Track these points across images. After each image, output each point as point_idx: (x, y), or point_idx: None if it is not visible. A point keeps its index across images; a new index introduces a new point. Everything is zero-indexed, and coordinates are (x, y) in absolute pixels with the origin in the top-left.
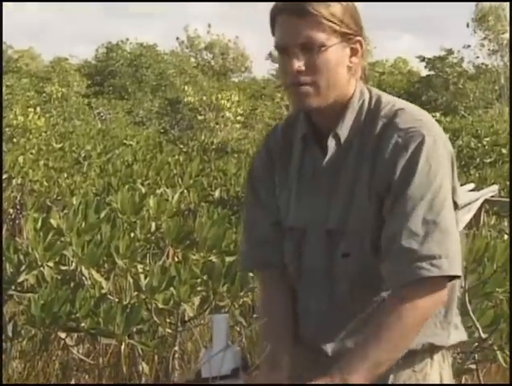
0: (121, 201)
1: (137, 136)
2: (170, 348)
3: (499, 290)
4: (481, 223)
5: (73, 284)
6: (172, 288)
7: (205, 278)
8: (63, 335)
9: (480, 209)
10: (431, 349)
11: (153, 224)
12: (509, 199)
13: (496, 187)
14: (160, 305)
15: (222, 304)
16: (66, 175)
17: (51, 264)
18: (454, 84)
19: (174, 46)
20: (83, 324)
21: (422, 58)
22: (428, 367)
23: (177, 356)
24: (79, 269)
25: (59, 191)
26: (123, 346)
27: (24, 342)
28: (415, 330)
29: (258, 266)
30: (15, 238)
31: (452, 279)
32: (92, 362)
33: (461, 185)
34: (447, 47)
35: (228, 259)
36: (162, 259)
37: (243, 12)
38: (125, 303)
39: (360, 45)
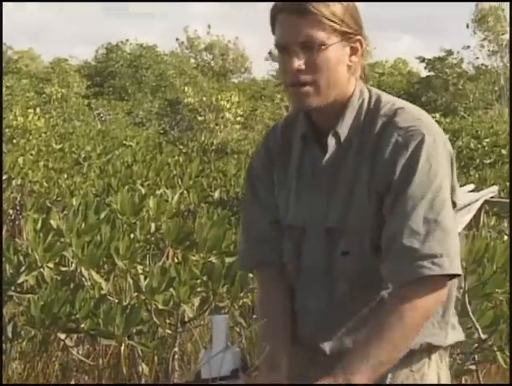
0: (120, 202)
1: (137, 137)
2: (170, 349)
3: (499, 291)
4: (481, 223)
5: (73, 285)
6: (172, 289)
7: (205, 279)
8: (62, 336)
9: (480, 210)
10: (429, 349)
11: (153, 225)
12: (509, 200)
13: (496, 188)
14: (160, 306)
15: (222, 305)
16: (66, 176)
17: (50, 265)
18: (454, 85)
19: (174, 47)
20: (83, 325)
21: (421, 59)
22: (426, 366)
23: (177, 357)
24: (79, 270)
25: (59, 192)
26: (123, 347)
27: (24, 343)
28: (417, 329)
29: (257, 265)
30: (15, 239)
31: (452, 278)
32: (91, 363)
33: (461, 186)
34: (446, 48)
35: (228, 260)
36: (162, 260)
37: (243, 12)
38: (124, 304)
39: (360, 44)
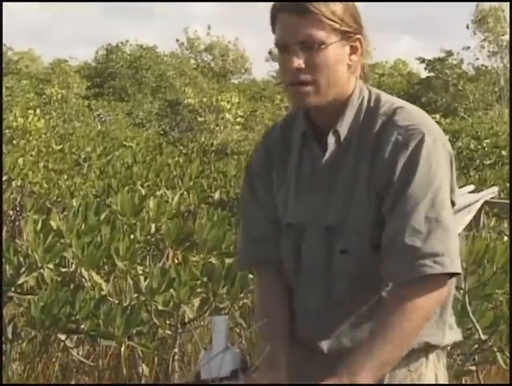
0: (121, 203)
1: (137, 137)
2: (170, 350)
3: (499, 292)
4: (481, 224)
5: (73, 286)
6: (172, 290)
7: (205, 280)
8: (63, 337)
9: (480, 211)
10: (426, 348)
11: (153, 226)
12: (509, 201)
13: (496, 189)
14: (160, 306)
15: (222, 306)
16: (66, 177)
17: (51, 266)
18: (454, 86)
19: (174, 47)
20: (83, 326)
21: (421, 59)
22: (423, 366)
23: (177, 358)
24: (79, 271)
25: (59, 193)
26: (123, 348)
27: (24, 344)
28: (418, 328)
29: (255, 263)
30: (15, 240)
31: (451, 277)
32: (92, 364)
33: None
34: (446, 49)
35: (228, 260)
36: (162, 261)
37: (243, 12)
38: (125, 305)
39: (359, 43)
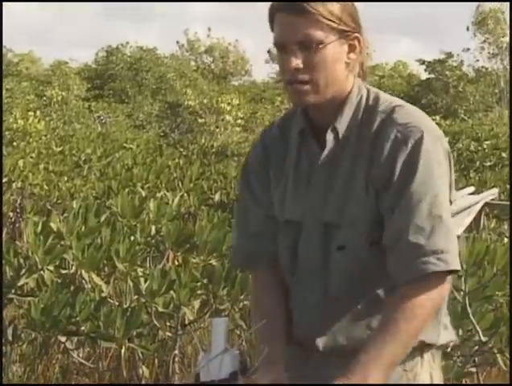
0: (121, 204)
1: (137, 139)
2: (170, 352)
3: (499, 293)
4: (481, 226)
5: (73, 287)
6: (172, 291)
7: (205, 282)
8: (63, 339)
9: (480, 212)
10: (422, 348)
11: (153, 228)
12: (509, 203)
13: (496, 190)
14: (160, 308)
15: (222, 307)
16: (66, 179)
17: (51, 267)
18: (454, 88)
19: (174, 49)
20: (83, 328)
21: (422, 61)
22: (419, 366)
23: (177, 360)
24: (79, 273)
25: (59, 195)
26: (123, 349)
27: (24, 345)
28: (424, 326)
29: (251, 260)
30: (15, 242)
31: (450, 274)
32: (92, 365)
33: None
34: (446, 51)
35: (228, 262)
36: (162, 262)
37: (243, 12)
38: (125, 307)
39: (358, 41)
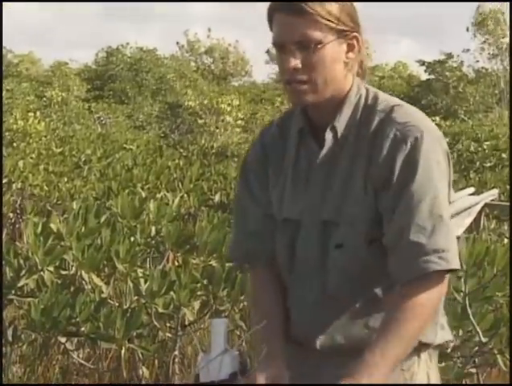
0: (121, 205)
1: (137, 140)
2: (170, 352)
3: (499, 294)
4: (481, 227)
5: (73, 288)
6: (172, 292)
7: (205, 282)
8: (63, 340)
9: (480, 213)
10: (419, 347)
11: (153, 229)
12: (509, 203)
13: (496, 191)
14: (160, 309)
15: (222, 308)
16: (66, 180)
17: (51, 268)
18: (454, 88)
19: (174, 50)
20: (83, 328)
21: (422, 62)
22: (416, 365)
23: (177, 360)
24: (79, 274)
25: (59, 196)
26: (123, 350)
27: (24, 346)
28: (426, 325)
29: (248, 257)
30: (15, 242)
31: (451, 272)
32: (92, 366)
33: (461, 189)
34: (446, 51)
35: (228, 263)
36: (162, 263)
37: (243, 12)
38: (125, 307)
39: (356, 41)
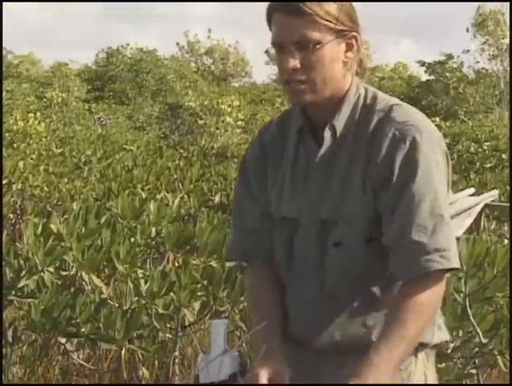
0: (121, 206)
1: (137, 141)
2: (170, 353)
3: (499, 295)
4: (482, 227)
5: (73, 289)
6: (172, 293)
7: (205, 283)
8: (63, 340)
9: (480, 214)
10: (416, 347)
11: (153, 229)
12: (509, 204)
13: (496, 192)
14: (160, 310)
15: (222, 309)
16: (66, 180)
17: (51, 269)
18: (454, 89)
19: (174, 51)
20: (83, 329)
21: (422, 63)
22: (413, 365)
23: (177, 361)
24: (79, 274)
25: (59, 196)
26: (123, 351)
27: (24, 347)
28: (429, 323)
29: (246, 255)
30: (15, 243)
31: (451, 271)
32: (92, 367)
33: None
34: (447, 52)
35: (228, 264)
36: (162, 264)
37: (243, 12)
38: (125, 308)
39: (355, 40)
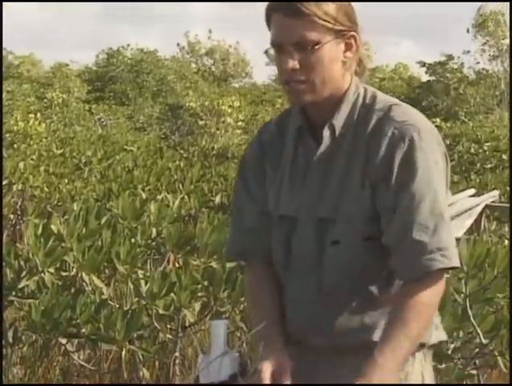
0: (121, 207)
1: (137, 141)
2: (170, 354)
3: (500, 296)
4: (482, 228)
5: (74, 290)
6: (173, 294)
7: (206, 284)
8: (63, 341)
9: (480, 214)
10: None
11: (154, 230)
12: (509, 205)
13: (496, 193)
14: (161, 310)
15: (223, 310)
16: (67, 181)
17: (51, 270)
18: (455, 90)
19: (174, 51)
20: (83, 330)
21: (422, 63)
22: (410, 365)
23: (178, 362)
24: (79, 275)
25: (59, 197)
26: (124, 351)
27: (25, 348)
28: (430, 322)
29: (244, 254)
30: (16, 244)
31: (451, 269)
32: (92, 368)
33: (462, 190)
34: (447, 53)
35: (228, 264)
36: (162, 265)
37: (243, 12)
38: (125, 309)
39: (354, 40)
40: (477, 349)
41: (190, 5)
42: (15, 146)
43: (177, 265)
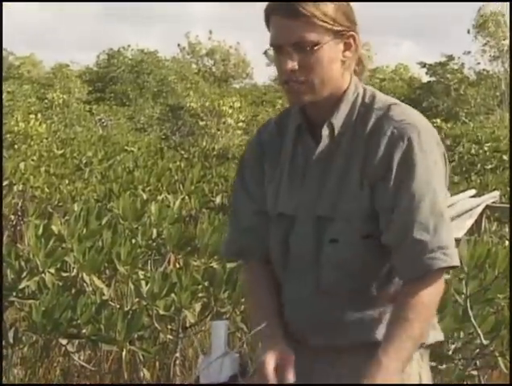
0: (122, 207)
1: (138, 142)
2: (171, 354)
3: (500, 296)
4: (483, 229)
5: (74, 290)
6: (173, 294)
7: (206, 284)
8: (64, 342)
9: (481, 215)
10: None
11: (154, 231)
12: (510, 205)
13: (497, 193)
14: (161, 311)
15: (223, 310)
16: (67, 182)
17: (52, 270)
18: (455, 90)
19: (175, 52)
20: (84, 330)
21: (423, 64)
22: (408, 365)
23: (178, 362)
24: (80, 276)
25: (60, 198)
26: (124, 352)
27: (25, 348)
28: (431, 321)
29: (243, 253)
30: (16, 244)
31: (451, 269)
32: (93, 368)
33: (462, 191)
34: (447, 53)
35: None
36: (163, 265)
37: (243, 12)
38: (126, 309)
39: (353, 39)
40: (478, 350)
41: (190, 5)
42: (16, 147)
43: (178, 266)
